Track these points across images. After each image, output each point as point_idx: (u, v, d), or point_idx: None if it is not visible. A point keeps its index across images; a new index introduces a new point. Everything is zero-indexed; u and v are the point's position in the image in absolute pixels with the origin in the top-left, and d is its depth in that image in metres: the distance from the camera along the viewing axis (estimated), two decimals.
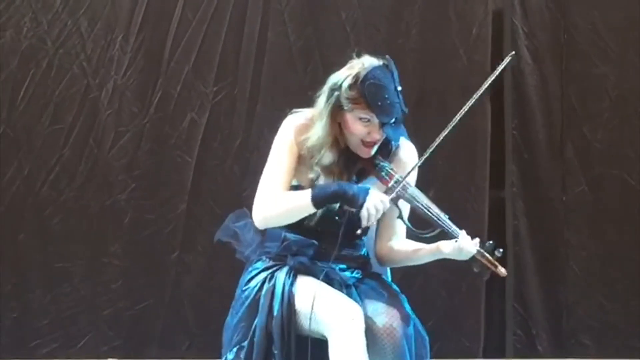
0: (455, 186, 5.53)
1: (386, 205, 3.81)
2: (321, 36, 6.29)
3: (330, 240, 3.93)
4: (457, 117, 3.92)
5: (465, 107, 3.94)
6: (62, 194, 6.48)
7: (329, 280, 3.93)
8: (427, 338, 3.87)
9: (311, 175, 3.93)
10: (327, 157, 3.93)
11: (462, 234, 3.84)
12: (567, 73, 6.71)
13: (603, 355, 6.58)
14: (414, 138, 4.06)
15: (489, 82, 4.00)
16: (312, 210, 3.85)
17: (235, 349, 3.92)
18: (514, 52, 4.19)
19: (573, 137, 6.70)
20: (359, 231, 3.89)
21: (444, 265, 6.30)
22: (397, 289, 4.01)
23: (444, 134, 3.90)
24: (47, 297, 6.46)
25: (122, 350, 6.46)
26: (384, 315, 3.82)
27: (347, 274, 3.99)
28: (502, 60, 4.13)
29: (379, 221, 3.97)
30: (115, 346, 6.46)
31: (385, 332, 3.79)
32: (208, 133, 6.51)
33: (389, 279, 4.15)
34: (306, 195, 3.84)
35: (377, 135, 3.89)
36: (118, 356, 6.42)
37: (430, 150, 3.91)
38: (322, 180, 3.92)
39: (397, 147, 4.03)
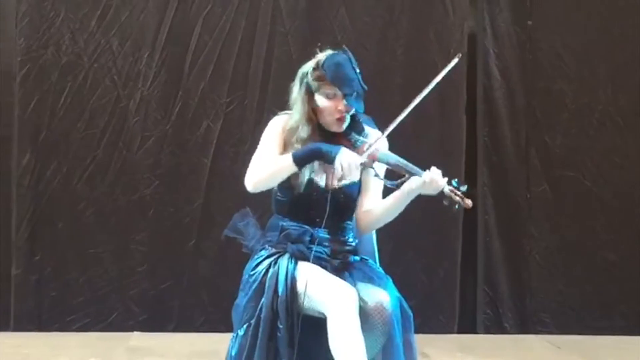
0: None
1: (357, 162, 3.76)
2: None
3: (325, 221, 3.86)
4: (415, 102, 3.88)
5: (421, 95, 3.89)
6: (95, 189, 6.52)
7: (326, 266, 3.84)
8: (411, 314, 3.82)
9: (292, 149, 3.88)
10: (305, 131, 3.90)
11: (434, 169, 3.76)
12: (531, 88, 6.78)
13: (561, 332, 6.66)
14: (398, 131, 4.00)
15: (442, 75, 3.93)
16: (294, 169, 3.81)
17: (245, 326, 3.86)
18: (460, 54, 4.10)
19: (536, 144, 6.79)
20: (335, 183, 3.85)
21: (425, 252, 6.32)
22: (383, 272, 3.93)
23: (399, 119, 3.86)
24: (81, 278, 6.49)
25: (145, 324, 6.48)
26: (374, 295, 3.77)
27: (337, 261, 3.90)
28: (451, 65, 4.05)
29: (359, 194, 3.98)
30: (140, 321, 6.49)
31: (376, 310, 3.74)
32: (221, 138, 6.55)
33: (377, 264, 4.07)
34: (288, 156, 3.83)
35: (342, 106, 3.86)
36: (142, 330, 6.44)
37: (389, 129, 3.87)
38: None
39: (366, 131, 3.97)
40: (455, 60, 4.02)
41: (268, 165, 3.87)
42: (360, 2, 6.61)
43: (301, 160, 3.81)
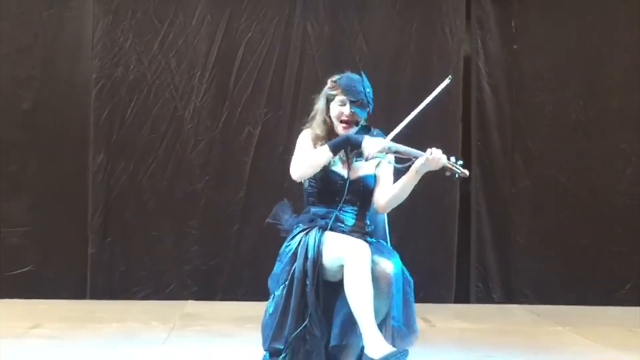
0: (436, 182, 5.49)
1: (380, 146, 3.79)
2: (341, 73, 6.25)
3: (344, 196, 3.91)
4: (414, 113, 3.85)
5: (420, 107, 3.86)
6: (156, 183, 6.55)
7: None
8: (412, 281, 3.82)
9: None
10: (321, 131, 3.95)
11: (434, 149, 3.79)
12: (516, 101, 6.75)
13: (539, 302, 6.61)
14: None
15: (437, 92, 3.90)
16: (330, 155, 3.85)
17: (281, 287, 3.86)
18: (450, 77, 4.12)
19: (519, 147, 6.76)
20: (364, 159, 3.86)
21: (427, 238, 6.33)
22: (392, 250, 3.96)
23: (401, 125, 3.85)
24: (145, 257, 6.53)
25: (197, 294, 6.50)
26: (381, 264, 3.77)
27: (357, 235, 3.94)
28: (443, 85, 4.04)
29: (375, 185, 3.97)
30: (192, 292, 6.51)
31: (381, 275, 3.74)
32: (260, 141, 6.56)
33: (389, 244, 4.10)
34: (324, 147, 3.87)
35: (348, 112, 3.89)
36: (194, 299, 6.44)
37: (398, 129, 3.85)
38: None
39: (375, 135, 3.97)
40: (446, 82, 4.02)
41: (308, 158, 3.88)
42: (375, 30, 6.59)
43: (335, 147, 3.83)
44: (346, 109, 3.89)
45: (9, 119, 6.44)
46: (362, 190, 3.95)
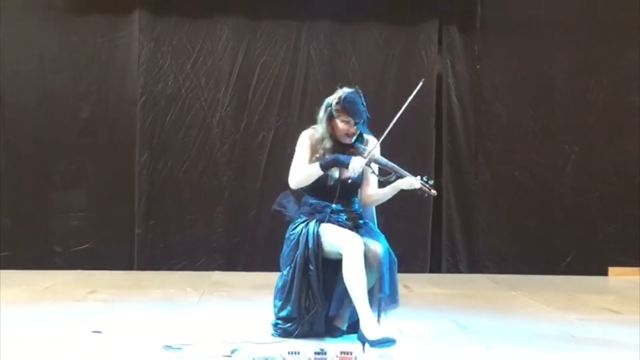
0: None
1: (362, 164, 3.86)
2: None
3: (336, 198, 3.94)
4: (395, 119, 3.91)
5: (399, 113, 3.92)
6: (190, 177, 6.56)
7: (340, 225, 3.92)
8: (396, 260, 3.87)
9: (318, 155, 3.94)
10: (328, 143, 3.94)
11: (409, 175, 3.91)
12: (478, 110, 6.74)
13: (498, 272, 6.60)
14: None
15: (411, 97, 3.98)
16: (320, 172, 3.88)
17: (287, 268, 3.94)
18: (423, 79, 4.14)
19: (481, 147, 6.76)
20: (349, 180, 3.91)
21: (407, 221, 6.34)
22: (379, 231, 3.99)
23: (388, 129, 3.93)
24: (180, 236, 6.54)
25: (222, 266, 6.50)
26: (372, 246, 3.84)
27: (348, 223, 3.97)
28: (416, 89, 4.05)
29: (362, 181, 4.04)
30: (219, 264, 6.52)
31: (372, 255, 3.82)
32: (273, 144, 6.57)
33: (376, 226, 4.12)
34: (316, 164, 3.90)
35: (353, 130, 3.94)
36: (220, 270, 6.45)
37: (381, 139, 3.96)
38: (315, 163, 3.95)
39: (366, 139, 4.01)
40: (420, 84, 4.08)
41: (304, 172, 3.92)
42: (365, 53, 6.58)
43: (325, 167, 3.89)
44: (351, 127, 3.92)
45: (70, 127, 6.46)
46: (351, 187, 3.99)
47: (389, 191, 3.99)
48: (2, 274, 6.05)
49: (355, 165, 3.85)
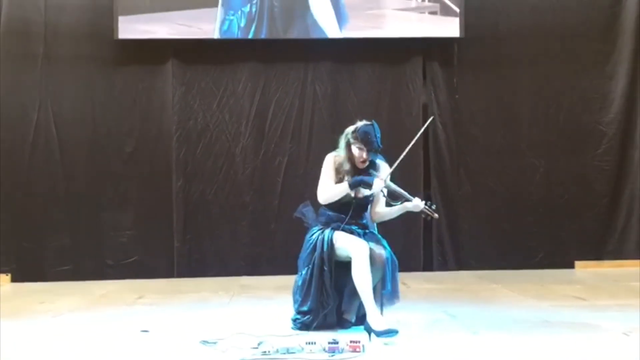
0: (407, 188, 5.49)
1: (382, 185, 3.88)
2: (342, 117, 6.24)
3: (350, 213, 3.94)
4: (406, 150, 3.98)
5: (410, 145, 4.01)
6: (218, 198, 6.52)
7: (351, 233, 3.92)
8: (396, 261, 3.86)
9: (340, 176, 3.94)
10: (346, 166, 3.94)
11: (417, 199, 3.93)
12: (459, 133, 6.69)
13: (481, 269, 6.51)
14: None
15: (422, 131, 4.20)
16: (348, 190, 3.88)
17: (305, 269, 3.94)
18: (432, 117, 4.18)
19: (463, 164, 6.72)
20: (362, 195, 3.92)
21: (403, 227, 6.37)
22: (382, 238, 3.99)
23: (400, 159, 3.96)
24: (213, 247, 6.50)
25: (248, 271, 6.43)
26: (377, 249, 3.84)
27: (359, 231, 3.96)
28: (426, 124, 4.20)
29: (372, 201, 4.02)
30: (245, 270, 6.43)
31: (377, 257, 3.83)
32: (288, 167, 6.54)
33: (376, 232, 4.11)
34: (345, 184, 3.89)
35: (365, 156, 3.92)
36: (247, 274, 6.37)
37: (394, 167, 3.98)
38: (347, 179, 3.93)
39: (379, 165, 4.01)
40: (429, 120, 4.13)
41: (333, 190, 3.90)
42: (361, 88, 6.56)
43: (353, 186, 3.88)
44: (364, 154, 3.92)
45: (117, 158, 6.47)
46: (362, 205, 3.99)
47: (396, 211, 4.00)
48: (64, 284, 6.08)
49: (377, 185, 3.85)
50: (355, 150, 3.92)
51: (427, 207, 3.90)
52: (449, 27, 6.41)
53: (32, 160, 6.38)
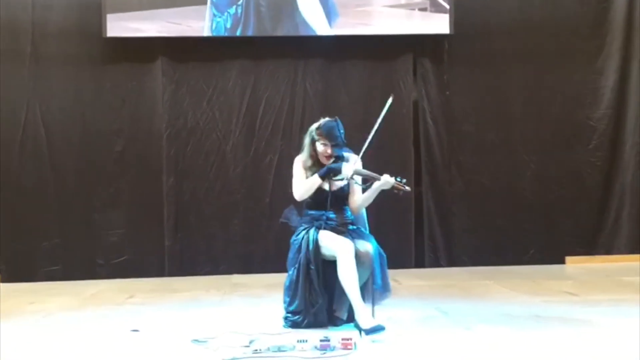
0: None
1: (351, 169, 3.87)
2: (333, 114, 5.99)
3: (328, 204, 3.94)
4: (371, 135, 3.91)
5: (374, 129, 3.93)
6: (209, 196, 6.50)
7: (335, 231, 3.90)
8: (385, 256, 3.87)
9: (309, 174, 3.96)
10: (309, 162, 3.99)
11: (386, 175, 3.87)
12: (450, 129, 6.69)
13: (473, 265, 6.55)
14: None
15: (384, 113, 4.03)
16: (319, 181, 3.90)
17: (293, 268, 3.96)
18: (392, 95, 4.15)
19: (454, 160, 6.71)
20: (341, 183, 3.92)
21: (393, 223, 6.32)
22: (369, 234, 3.98)
23: (365, 145, 3.93)
24: (204, 245, 6.48)
25: (240, 269, 6.41)
26: (363, 246, 3.85)
27: (342, 228, 3.95)
28: (387, 105, 4.07)
29: (349, 192, 4.01)
30: (236, 268, 6.41)
31: (364, 254, 3.84)
32: (279, 165, 6.49)
33: (367, 230, 4.11)
34: (315, 176, 3.92)
35: (330, 151, 3.95)
36: (238, 273, 6.36)
37: (362, 152, 3.95)
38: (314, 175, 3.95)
39: (347, 157, 3.99)
40: (390, 100, 4.09)
41: (305, 185, 3.96)
42: (353, 85, 6.56)
43: (323, 176, 3.91)
44: (328, 149, 3.92)
45: (107, 157, 6.43)
46: (340, 196, 3.99)
47: (371, 194, 3.98)
48: (55, 284, 6.05)
49: (346, 170, 3.87)
50: (319, 146, 3.95)
51: (397, 182, 3.89)
52: (439, 24, 6.41)
53: (21, 160, 6.34)
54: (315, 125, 4.00)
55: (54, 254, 6.32)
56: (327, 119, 4.00)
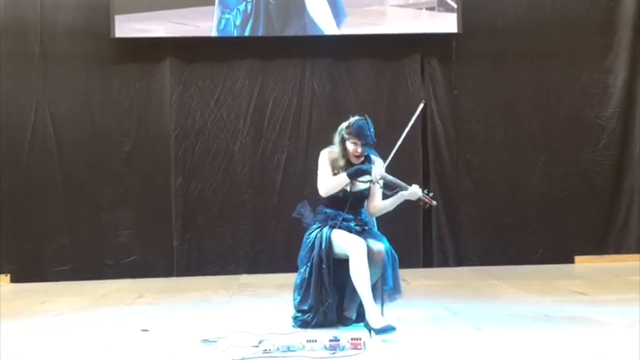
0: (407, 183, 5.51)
1: (381, 171, 3.88)
2: (340, 114, 6.19)
3: (347, 207, 3.92)
4: (400, 141, 4.01)
5: (404, 133, 4.02)
6: (217, 196, 6.52)
7: (349, 231, 3.89)
8: (397, 256, 3.86)
9: (335, 172, 3.92)
10: (341, 162, 3.94)
11: (415, 186, 3.90)
12: (458, 128, 6.69)
13: (481, 265, 6.54)
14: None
15: (415, 117, 4.14)
16: (348, 180, 3.87)
17: (305, 267, 3.92)
18: (424, 101, 4.17)
19: (462, 159, 6.71)
20: (363, 185, 3.92)
21: (402, 224, 6.35)
22: (381, 234, 3.98)
23: (396, 146, 4.00)
24: (212, 245, 6.48)
25: (248, 269, 6.43)
26: (376, 246, 3.84)
27: (357, 228, 3.95)
28: (419, 109, 4.20)
29: (369, 194, 4.01)
30: (245, 268, 6.44)
31: (377, 254, 3.83)
32: (286, 165, 6.53)
33: (376, 228, 4.10)
34: (343, 174, 3.88)
35: (360, 150, 3.91)
36: (246, 273, 6.38)
37: (391, 156, 4.00)
38: (340, 174, 3.92)
39: (373, 160, 3.98)
40: (421, 105, 4.11)
41: (332, 181, 3.90)
42: (360, 85, 6.57)
43: (352, 176, 3.87)
44: (359, 148, 3.90)
45: (116, 158, 6.46)
46: (359, 199, 3.97)
47: (393, 201, 3.96)
48: (64, 285, 6.08)
49: (376, 172, 3.85)
50: (349, 145, 3.91)
51: (424, 194, 3.88)
52: (447, 23, 6.42)
53: (30, 161, 6.37)
54: (345, 124, 3.95)
55: (63, 254, 6.34)
56: (357, 117, 3.95)
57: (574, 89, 6.67)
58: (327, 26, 6.37)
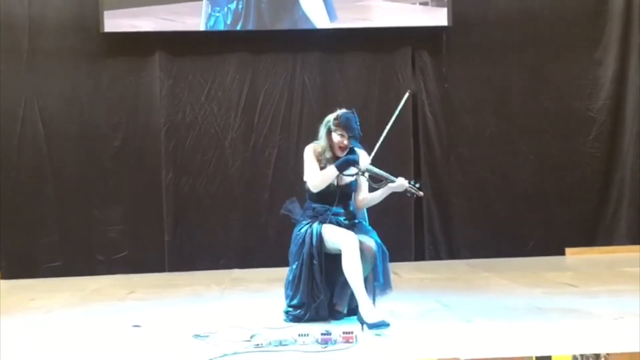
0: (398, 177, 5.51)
1: (368, 161, 3.91)
2: (331, 108, 6.19)
3: (336, 202, 3.92)
4: (385, 132, 3.99)
5: (389, 124, 4.01)
6: (208, 191, 6.50)
7: (339, 225, 3.90)
8: (387, 252, 3.86)
9: (322, 165, 3.93)
10: (328, 154, 3.93)
11: (400, 178, 3.93)
12: (449, 121, 6.69)
13: (472, 257, 6.55)
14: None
15: (400, 107, 4.12)
16: (337, 173, 3.87)
17: (296, 263, 3.93)
18: (409, 91, 4.18)
19: (453, 153, 6.72)
20: (350, 178, 3.93)
21: (394, 217, 6.34)
22: (371, 229, 3.98)
23: (380, 140, 3.99)
24: (204, 240, 6.47)
25: (240, 264, 6.42)
26: (366, 241, 3.83)
27: (347, 222, 3.96)
28: (404, 100, 4.19)
29: (356, 187, 4.01)
30: (236, 263, 6.42)
31: (367, 249, 3.82)
32: (277, 159, 6.52)
33: (367, 223, 4.11)
34: (332, 167, 3.88)
35: (346, 142, 3.91)
36: (238, 267, 6.37)
37: (376, 148, 3.99)
38: (328, 167, 3.91)
39: (359, 153, 3.97)
40: (406, 95, 4.12)
41: (321, 175, 3.89)
42: (351, 79, 6.56)
43: (340, 168, 3.88)
44: (345, 140, 3.89)
45: (105, 153, 6.43)
46: (347, 192, 3.97)
47: (380, 194, 3.99)
48: (55, 280, 6.07)
49: (363, 161, 3.86)
50: (335, 136, 3.91)
51: (411, 185, 3.90)
52: (438, 16, 6.43)
53: (19, 157, 6.33)
54: (332, 116, 3.96)
55: (53, 250, 6.32)
56: (344, 110, 3.96)
57: (564, 81, 6.69)
58: (320, 21, 6.34)
